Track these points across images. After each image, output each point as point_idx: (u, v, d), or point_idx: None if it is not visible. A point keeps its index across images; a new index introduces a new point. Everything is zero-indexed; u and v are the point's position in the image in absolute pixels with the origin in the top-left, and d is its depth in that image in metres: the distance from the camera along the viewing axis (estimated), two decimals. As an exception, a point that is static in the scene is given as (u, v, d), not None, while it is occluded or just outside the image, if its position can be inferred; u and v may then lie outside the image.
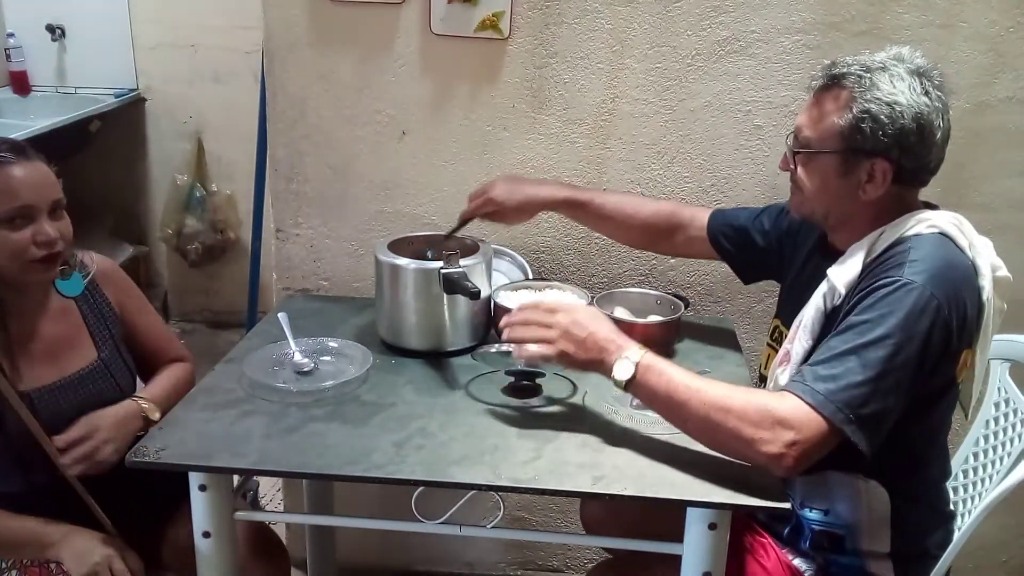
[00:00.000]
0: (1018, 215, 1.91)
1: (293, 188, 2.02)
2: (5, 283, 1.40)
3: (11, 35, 3.34)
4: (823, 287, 1.38)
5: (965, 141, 1.81)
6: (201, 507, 1.35)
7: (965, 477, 1.58)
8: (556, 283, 1.76)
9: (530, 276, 1.93)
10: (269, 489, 2.53)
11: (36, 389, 1.42)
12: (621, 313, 1.68)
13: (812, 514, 1.43)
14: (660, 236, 1.73)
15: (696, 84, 1.87)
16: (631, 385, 1.28)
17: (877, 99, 1.27)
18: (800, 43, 1.82)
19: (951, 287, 1.25)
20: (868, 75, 1.29)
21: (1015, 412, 1.54)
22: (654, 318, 1.69)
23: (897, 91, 1.27)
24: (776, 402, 1.22)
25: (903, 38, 1.78)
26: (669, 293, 1.78)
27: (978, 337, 1.33)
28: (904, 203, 1.36)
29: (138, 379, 1.61)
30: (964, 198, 1.86)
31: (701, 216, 1.70)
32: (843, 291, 1.34)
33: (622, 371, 1.28)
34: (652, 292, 1.81)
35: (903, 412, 1.27)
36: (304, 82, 1.93)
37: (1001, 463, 1.53)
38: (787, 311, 1.50)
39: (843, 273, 1.35)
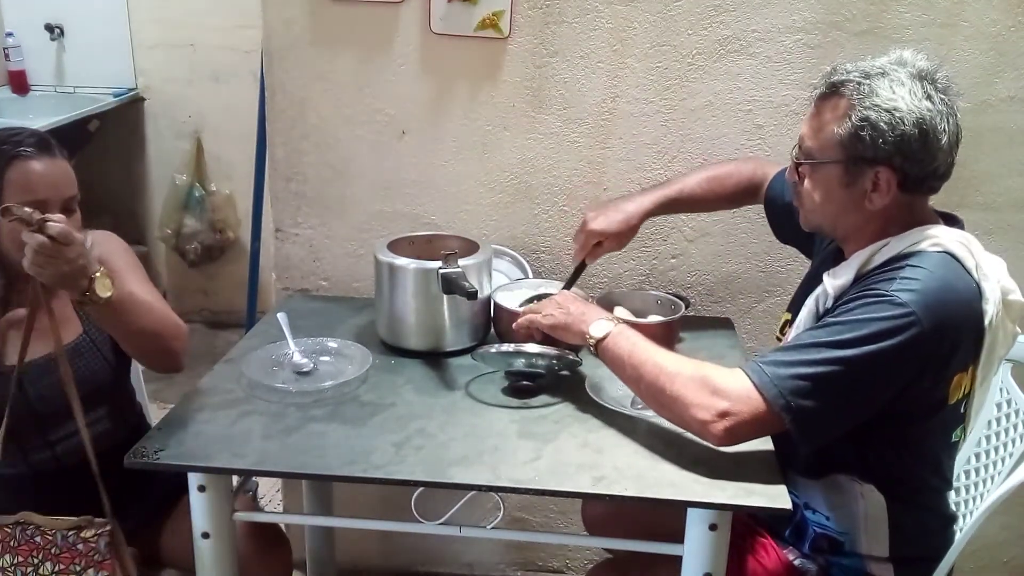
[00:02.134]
0: (1019, 215, 1.90)
1: (292, 188, 2.01)
2: (15, 273, 1.39)
3: (10, 34, 3.33)
4: (817, 290, 1.38)
5: (965, 141, 1.77)
6: (200, 508, 1.34)
7: (967, 478, 1.58)
8: (556, 283, 1.75)
9: (530, 276, 1.93)
10: (268, 489, 2.52)
11: (26, 365, 1.41)
12: (621, 313, 1.67)
13: (815, 516, 1.42)
14: (743, 200, 1.75)
15: (697, 83, 1.86)
16: (602, 344, 1.38)
17: (876, 106, 1.24)
18: (801, 42, 1.82)
19: (942, 310, 1.21)
20: (867, 82, 1.26)
21: (1016, 413, 1.54)
22: (654, 318, 1.69)
23: (897, 97, 1.24)
24: (722, 375, 1.27)
25: (904, 37, 1.78)
26: (669, 293, 1.78)
27: (979, 361, 1.30)
28: (914, 212, 1.32)
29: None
30: (965, 198, 1.86)
31: (769, 176, 1.69)
32: (833, 296, 1.34)
33: (598, 329, 1.39)
34: (652, 292, 1.80)
35: (888, 424, 1.28)
36: (303, 81, 1.93)
37: (1003, 464, 1.52)
38: (797, 306, 1.50)
39: (836, 279, 1.34)
